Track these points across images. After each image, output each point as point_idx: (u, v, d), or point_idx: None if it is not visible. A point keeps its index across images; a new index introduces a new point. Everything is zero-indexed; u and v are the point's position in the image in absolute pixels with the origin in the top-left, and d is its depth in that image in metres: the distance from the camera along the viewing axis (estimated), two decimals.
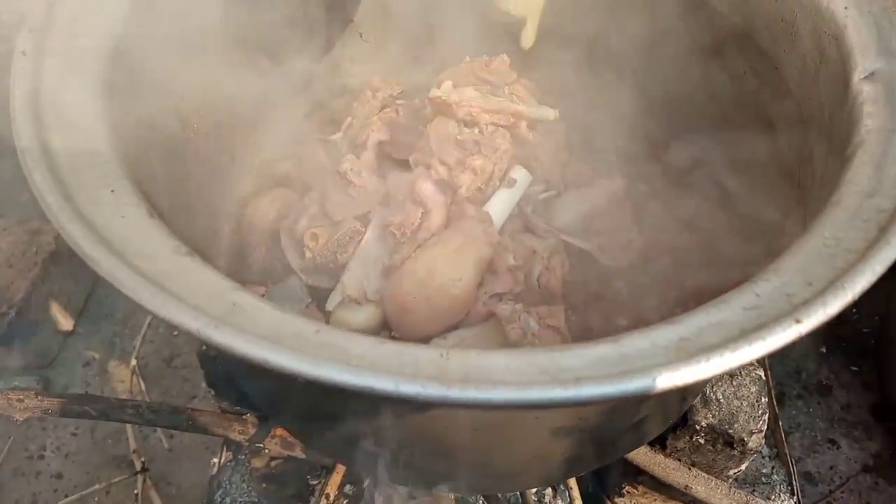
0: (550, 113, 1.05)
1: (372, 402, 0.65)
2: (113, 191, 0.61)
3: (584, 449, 0.80)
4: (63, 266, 1.80)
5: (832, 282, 0.54)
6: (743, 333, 0.52)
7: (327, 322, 0.94)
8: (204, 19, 0.94)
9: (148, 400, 1.72)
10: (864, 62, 0.74)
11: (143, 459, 1.55)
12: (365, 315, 0.94)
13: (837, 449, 1.66)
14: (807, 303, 0.53)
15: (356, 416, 0.74)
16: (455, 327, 0.94)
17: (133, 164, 0.71)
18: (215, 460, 1.27)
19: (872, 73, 0.72)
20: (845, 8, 0.78)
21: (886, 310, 1.67)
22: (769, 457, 1.40)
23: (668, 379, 0.48)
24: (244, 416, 1.13)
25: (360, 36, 1.20)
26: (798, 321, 0.51)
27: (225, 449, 1.26)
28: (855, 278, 0.54)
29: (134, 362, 1.71)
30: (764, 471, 1.42)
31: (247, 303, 0.55)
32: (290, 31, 1.11)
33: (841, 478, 1.60)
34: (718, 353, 0.49)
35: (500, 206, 0.97)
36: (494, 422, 0.70)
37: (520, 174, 1.00)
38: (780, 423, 1.39)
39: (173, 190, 0.91)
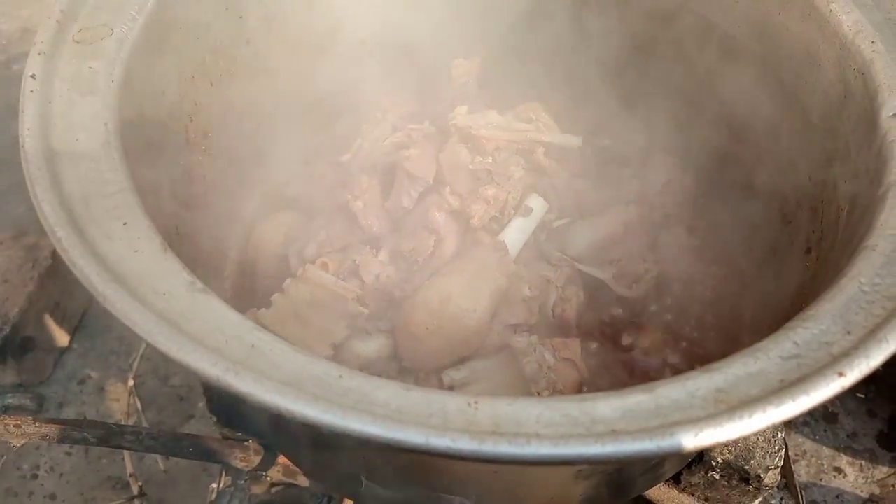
0: (574, 141, 1.04)
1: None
2: (125, 223, 0.59)
3: (602, 489, 0.78)
4: (59, 282, 1.77)
5: (872, 331, 0.53)
6: (783, 385, 0.50)
7: (336, 353, 0.92)
8: (216, 41, 0.92)
9: (144, 418, 1.69)
10: (892, 99, 0.72)
11: (140, 483, 1.51)
12: (375, 345, 0.92)
13: (844, 477, 1.64)
14: (848, 354, 0.51)
15: (368, 454, 0.72)
16: (468, 358, 0.92)
17: (143, 190, 0.69)
18: (214, 485, 1.24)
19: None
20: (872, 43, 0.77)
21: None
22: (778, 487, 1.38)
23: (711, 436, 0.46)
24: (246, 444, 1.11)
25: (371, 55, 1.19)
26: (842, 374, 0.49)
27: (224, 473, 1.23)
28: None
29: (131, 382, 1.67)
30: (773, 502, 1.40)
31: (266, 344, 0.53)
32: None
33: None
34: (761, 409, 0.47)
35: (515, 234, 0.96)
36: (518, 467, 0.68)
37: (536, 203, 0.98)
38: (788, 453, 1.37)
39: (181, 214, 0.89)
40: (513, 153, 0.98)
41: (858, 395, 1.78)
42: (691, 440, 0.46)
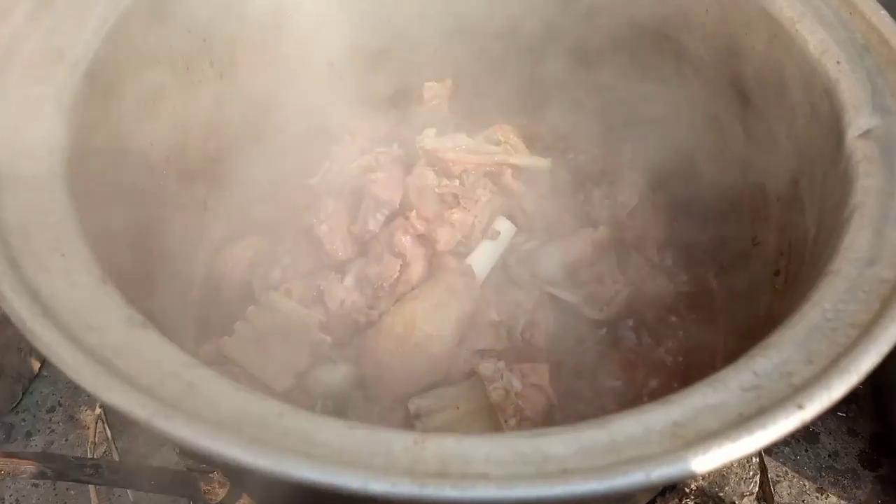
0: (544, 163, 1.02)
1: None
2: (63, 255, 0.57)
3: None
4: None
5: (835, 360, 0.51)
6: (742, 418, 0.48)
7: (300, 382, 0.89)
8: (178, 64, 0.91)
9: (115, 447, 1.64)
10: (858, 119, 0.71)
11: None
12: (340, 374, 0.89)
13: (826, 498, 1.62)
14: (808, 385, 0.49)
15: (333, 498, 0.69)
16: (434, 385, 0.89)
17: (93, 218, 0.67)
18: None
19: (868, 131, 0.70)
20: (837, 63, 0.76)
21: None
22: None
23: (663, 473, 0.44)
24: (211, 475, 1.07)
25: (340, 78, 1.17)
26: (800, 407, 0.47)
27: None
28: (859, 358, 0.50)
29: (98, 409, 1.63)
30: None
31: (204, 382, 0.50)
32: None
33: None
34: (717, 444, 0.45)
35: (483, 258, 0.94)
36: None
37: (504, 226, 0.97)
38: (769, 475, 1.35)
39: (141, 240, 0.87)
40: (480, 176, 0.97)
41: (839, 413, 1.76)
42: (644, 480, 0.44)
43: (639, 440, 0.48)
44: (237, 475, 0.92)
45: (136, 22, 0.83)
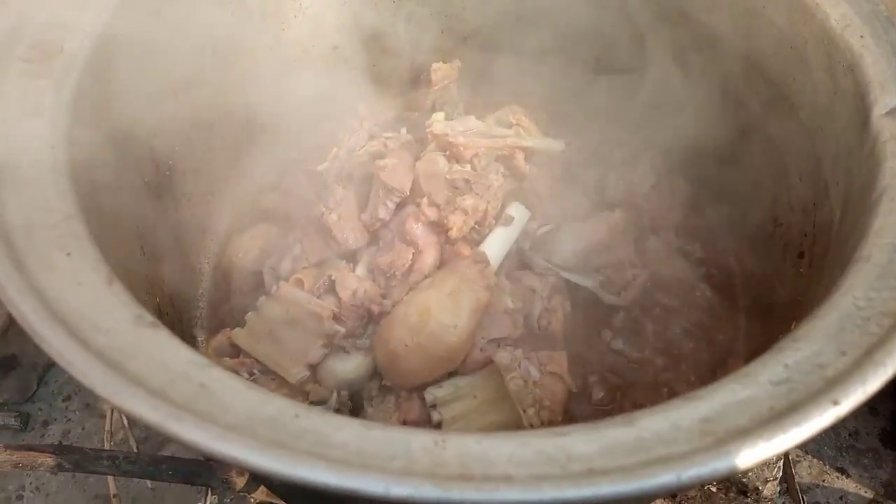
0: (557, 145, 1.00)
1: None
2: (69, 254, 0.55)
3: None
4: None
5: (868, 352, 0.49)
6: (774, 414, 0.46)
7: (314, 374, 0.88)
8: (178, 52, 0.88)
9: (131, 435, 1.65)
10: (884, 96, 0.68)
11: None
12: (354, 364, 0.88)
13: (847, 478, 1.60)
14: (842, 378, 0.47)
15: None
16: (450, 374, 0.88)
17: (98, 214, 0.65)
18: None
19: (895, 109, 0.67)
20: (861, 37, 0.73)
21: None
22: (779, 492, 1.35)
23: (695, 474, 0.43)
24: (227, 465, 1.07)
25: (346, 62, 1.15)
26: (836, 402, 0.45)
27: (210, 493, 1.20)
28: (894, 349, 0.48)
29: None
30: None
31: (217, 383, 0.49)
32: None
33: None
34: (750, 444, 0.44)
35: (496, 245, 0.92)
36: None
37: (518, 211, 0.94)
38: (789, 456, 1.34)
39: (148, 234, 0.85)
40: (492, 160, 0.95)
41: None
42: (674, 481, 0.42)
43: (666, 438, 0.46)
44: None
45: (135, 11, 0.81)
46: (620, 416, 0.48)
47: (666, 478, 0.42)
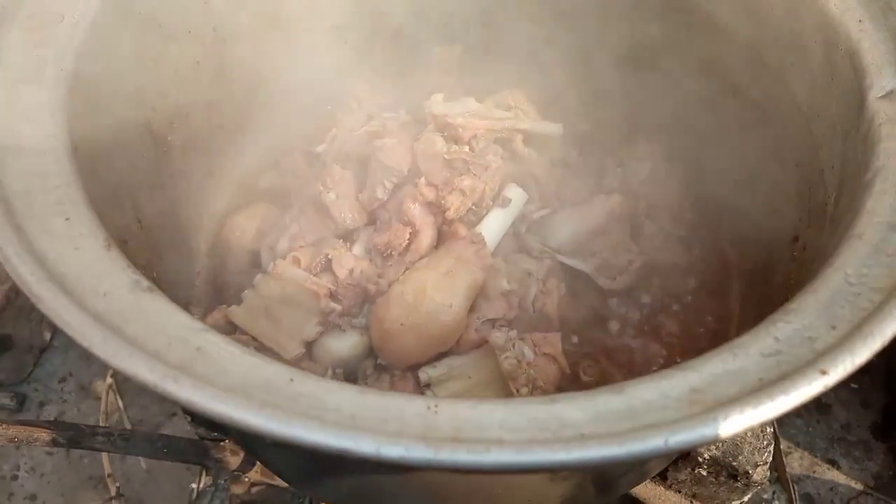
0: (555, 129, 1.00)
1: None
2: (68, 219, 0.55)
3: (584, 491, 0.75)
4: None
5: (858, 325, 0.50)
6: (763, 384, 0.47)
7: (309, 351, 0.88)
8: (179, 26, 0.88)
9: (126, 416, 1.66)
10: (880, 80, 0.69)
11: (117, 485, 1.48)
12: (350, 342, 0.89)
13: (838, 469, 1.61)
14: (831, 350, 0.48)
15: (344, 464, 0.69)
16: (445, 354, 0.88)
17: (97, 184, 0.66)
18: (194, 485, 1.21)
19: (891, 92, 0.67)
20: (859, 22, 0.73)
21: None
22: (770, 481, 1.36)
23: (682, 439, 0.43)
24: (222, 444, 1.08)
25: (345, 42, 1.15)
26: (824, 372, 0.46)
27: (204, 473, 1.20)
28: (884, 322, 0.49)
29: (110, 380, 1.64)
30: (765, 496, 1.38)
31: (213, 347, 0.49)
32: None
33: (842, 499, 1.56)
34: (738, 410, 0.44)
35: (493, 226, 0.92)
36: None
37: (515, 193, 0.95)
38: (780, 446, 1.35)
39: (145, 209, 0.86)
40: (490, 142, 0.95)
41: (852, 385, 1.75)
42: (662, 445, 0.43)
43: (656, 406, 0.47)
44: (250, 443, 0.92)
45: None
46: (611, 385, 0.49)
47: (655, 442, 0.43)
